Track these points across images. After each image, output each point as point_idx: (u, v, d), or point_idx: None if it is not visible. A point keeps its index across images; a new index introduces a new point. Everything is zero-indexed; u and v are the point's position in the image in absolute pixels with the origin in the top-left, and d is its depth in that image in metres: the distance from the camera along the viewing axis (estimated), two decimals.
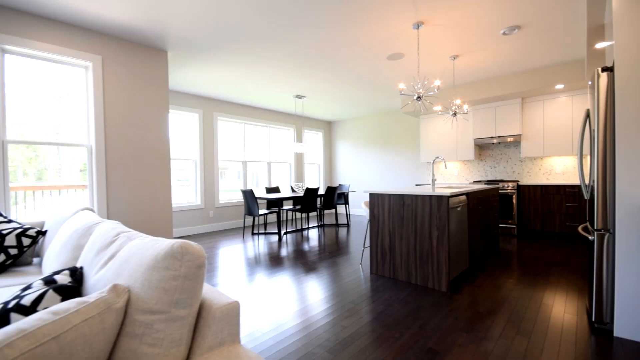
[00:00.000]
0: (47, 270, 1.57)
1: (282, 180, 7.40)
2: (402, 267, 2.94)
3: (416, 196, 2.82)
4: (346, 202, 6.34)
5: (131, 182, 3.43)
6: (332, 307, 2.39)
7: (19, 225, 2.08)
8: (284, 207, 5.85)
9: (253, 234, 5.45)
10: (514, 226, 4.95)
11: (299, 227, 6.13)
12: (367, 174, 7.75)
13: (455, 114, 4.01)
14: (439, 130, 5.99)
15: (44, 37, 2.89)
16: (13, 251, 1.97)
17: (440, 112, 4.09)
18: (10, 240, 1.98)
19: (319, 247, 4.42)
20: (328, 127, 8.52)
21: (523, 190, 5.00)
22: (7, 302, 0.83)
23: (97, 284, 0.94)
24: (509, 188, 4.99)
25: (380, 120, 7.47)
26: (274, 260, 3.75)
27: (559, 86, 4.51)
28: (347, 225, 6.22)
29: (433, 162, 3.45)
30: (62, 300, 0.83)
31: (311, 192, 5.23)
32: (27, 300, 0.80)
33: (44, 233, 2.12)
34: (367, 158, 7.75)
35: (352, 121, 8.06)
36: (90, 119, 3.18)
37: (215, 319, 0.86)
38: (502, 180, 5.16)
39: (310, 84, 5.09)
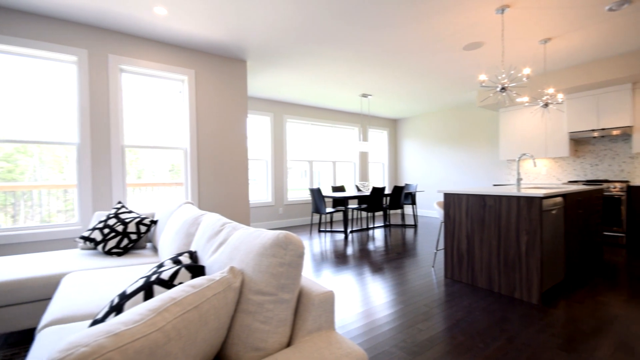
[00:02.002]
0: (163, 253, 1.86)
1: (347, 179, 7.46)
2: (483, 273, 2.72)
3: (500, 197, 2.58)
4: (413, 202, 6.11)
5: (216, 180, 3.84)
6: (404, 309, 2.34)
7: (137, 215, 2.50)
8: (349, 206, 5.90)
9: (320, 231, 5.61)
10: (622, 235, 4.19)
11: (364, 226, 6.12)
12: (436, 173, 7.35)
13: (546, 105, 3.55)
14: (524, 124, 5.37)
15: (151, 57, 3.41)
16: (133, 236, 2.38)
17: (526, 104, 3.66)
18: (132, 228, 2.40)
19: (385, 247, 4.35)
20: (393, 125, 8.31)
21: (635, 192, 4.19)
22: (149, 276, 1.02)
23: (212, 266, 1.09)
24: (616, 190, 4.23)
25: (451, 116, 7.01)
26: (340, 258, 3.81)
27: None
28: (415, 226, 5.99)
29: (518, 160, 3.11)
30: (192, 277, 0.99)
31: (378, 192, 5.18)
32: (165, 275, 0.98)
33: (155, 222, 2.51)
34: (436, 156, 7.35)
35: (420, 118, 7.71)
36: (185, 125, 3.65)
37: (314, 305, 0.93)
38: (606, 181, 4.40)
39: (377, 82, 5.03)
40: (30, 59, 2.89)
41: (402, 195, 5.64)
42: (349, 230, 5.68)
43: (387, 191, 7.17)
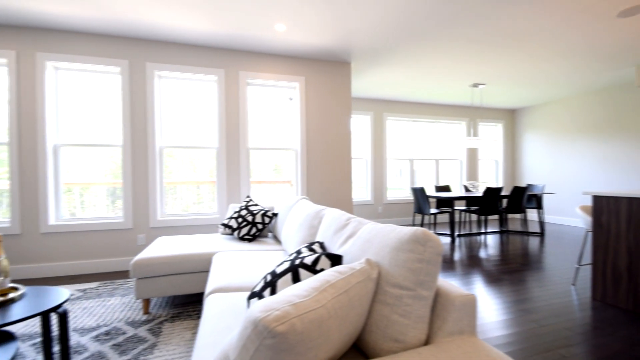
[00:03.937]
0: (287, 242, 2.09)
1: (451, 178, 6.88)
2: None
3: None
4: (539, 206, 5.20)
5: (322, 179, 4.08)
6: (538, 330, 2.02)
7: (262, 208, 2.88)
8: (456, 207, 5.42)
9: None
10: None
11: (473, 230, 5.53)
12: (570, 172, 6.06)
13: None
14: None
15: (269, 69, 3.86)
16: (259, 226, 2.75)
17: None
18: (258, 218, 2.77)
19: (502, 255, 3.84)
20: (510, 117, 7.23)
21: None
22: (293, 260, 1.17)
23: (343, 257, 1.17)
24: None
25: (594, 101, 5.66)
26: (447, 263, 3.55)
27: None
28: (541, 234, 5.08)
29: None
30: (332, 264, 1.09)
31: (493, 193, 4.61)
32: (308, 260, 1.10)
33: (276, 215, 2.84)
34: (570, 152, 6.06)
35: (547, 106, 6.49)
36: (296, 127, 4.01)
37: (455, 306, 0.90)
38: None
39: (492, 69, 4.47)
40: (184, 81, 3.65)
41: (524, 198, 4.87)
42: (456, 233, 5.23)
43: (503, 192, 6.30)
